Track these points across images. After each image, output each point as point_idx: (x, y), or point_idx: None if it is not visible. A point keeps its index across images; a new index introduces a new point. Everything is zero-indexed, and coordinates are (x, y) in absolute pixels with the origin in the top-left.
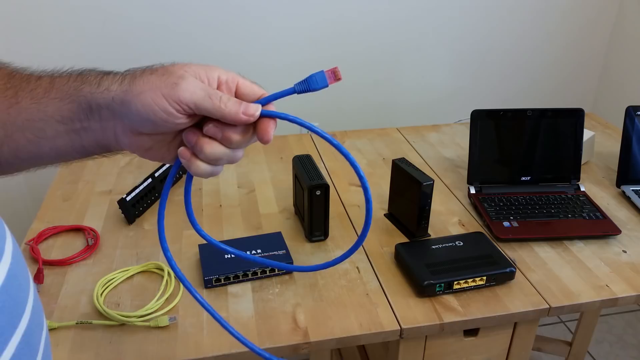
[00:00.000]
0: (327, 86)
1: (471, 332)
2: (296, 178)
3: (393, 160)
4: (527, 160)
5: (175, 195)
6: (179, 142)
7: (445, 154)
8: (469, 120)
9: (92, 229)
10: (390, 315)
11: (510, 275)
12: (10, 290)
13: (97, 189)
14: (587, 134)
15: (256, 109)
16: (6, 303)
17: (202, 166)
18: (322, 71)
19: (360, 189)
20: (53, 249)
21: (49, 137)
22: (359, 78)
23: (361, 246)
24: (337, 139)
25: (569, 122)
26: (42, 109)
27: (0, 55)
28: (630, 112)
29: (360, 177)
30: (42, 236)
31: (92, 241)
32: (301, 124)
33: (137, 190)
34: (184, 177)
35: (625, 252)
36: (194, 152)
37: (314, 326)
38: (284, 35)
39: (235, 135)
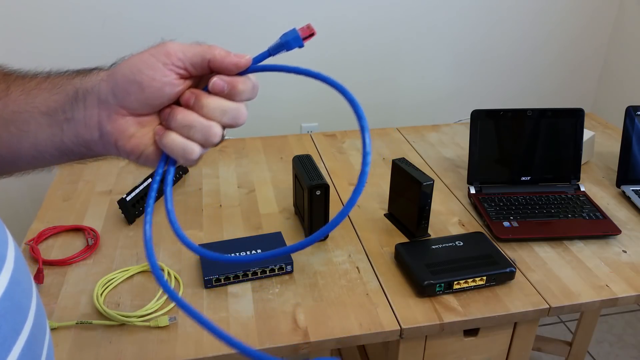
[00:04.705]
0: (301, 43)
1: (471, 332)
2: (296, 178)
3: (393, 160)
4: (527, 160)
5: (176, 195)
6: None
7: (445, 154)
8: (469, 120)
9: (92, 229)
10: (390, 315)
11: (510, 275)
12: (13, 296)
13: (97, 189)
14: (587, 134)
15: (245, 54)
16: (9, 309)
17: (172, 136)
18: (294, 29)
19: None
20: (53, 249)
21: (31, 130)
22: (359, 78)
23: (361, 246)
24: (337, 139)
25: (569, 122)
26: (30, 100)
27: (0, 55)
28: (630, 112)
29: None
30: (42, 236)
31: (92, 241)
32: (289, 70)
33: (137, 190)
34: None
35: (625, 252)
36: (168, 125)
37: (314, 326)
38: None
39: (240, 84)
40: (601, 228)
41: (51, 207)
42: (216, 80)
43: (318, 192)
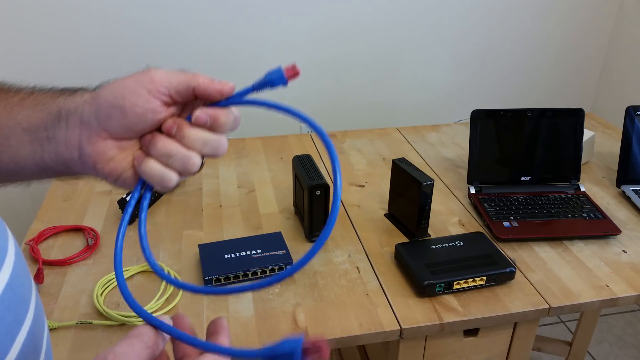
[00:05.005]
0: (285, 82)
1: (471, 332)
2: (296, 178)
3: (393, 160)
4: (527, 160)
5: (176, 195)
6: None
7: (445, 154)
8: (469, 120)
9: (92, 229)
10: (390, 315)
11: (510, 275)
12: (15, 288)
13: (97, 189)
14: (587, 134)
15: (228, 82)
16: (12, 301)
17: (151, 163)
18: (279, 68)
19: (361, 190)
20: (53, 249)
21: (12, 145)
22: (359, 78)
23: (361, 246)
24: (337, 139)
25: (569, 122)
26: (12, 116)
27: (0, 55)
28: (630, 112)
29: (330, 150)
30: (42, 236)
31: (92, 241)
32: (270, 106)
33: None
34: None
35: (625, 252)
36: (148, 151)
37: (314, 326)
38: (284, 35)
39: (223, 116)
40: (601, 228)
41: (51, 207)
42: (199, 114)
43: (318, 192)
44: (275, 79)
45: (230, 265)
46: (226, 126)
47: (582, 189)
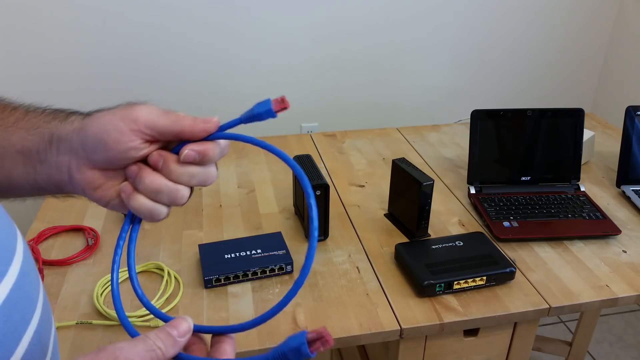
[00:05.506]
0: (274, 115)
1: (471, 332)
2: (296, 178)
3: (393, 160)
4: (527, 160)
5: None
6: None
7: (445, 154)
8: (469, 120)
9: (92, 229)
10: (390, 315)
11: (510, 275)
12: (23, 286)
13: None
14: (587, 134)
15: (213, 117)
16: (19, 299)
17: (140, 199)
18: (268, 99)
19: (361, 190)
20: (53, 249)
21: (5, 165)
22: (359, 78)
23: (361, 246)
24: (337, 139)
25: (569, 122)
26: (7, 137)
27: (0, 55)
28: (630, 112)
29: (307, 195)
30: (42, 236)
31: (92, 241)
32: (254, 143)
33: None
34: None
35: (625, 252)
36: (135, 186)
37: (314, 326)
38: (283, 35)
39: (210, 151)
40: (601, 228)
41: (51, 207)
42: (188, 152)
43: (318, 192)
44: (263, 112)
45: (230, 265)
46: (214, 159)
47: (582, 189)
